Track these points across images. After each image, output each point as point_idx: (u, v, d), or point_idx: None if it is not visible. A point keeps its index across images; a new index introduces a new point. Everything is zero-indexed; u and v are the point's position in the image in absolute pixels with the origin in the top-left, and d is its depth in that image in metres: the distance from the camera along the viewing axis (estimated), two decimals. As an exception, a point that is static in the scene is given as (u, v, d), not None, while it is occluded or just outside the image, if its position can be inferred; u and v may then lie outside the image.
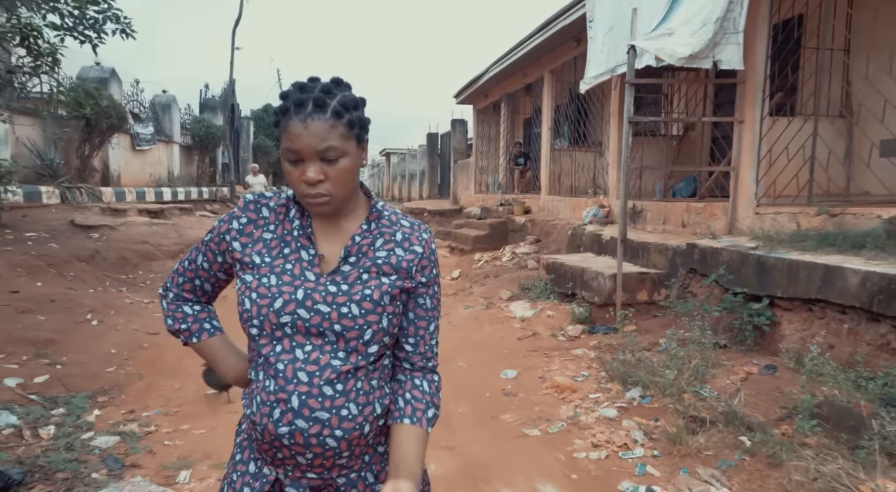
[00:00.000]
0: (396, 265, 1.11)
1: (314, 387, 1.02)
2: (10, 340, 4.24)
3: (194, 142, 16.71)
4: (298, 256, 1.09)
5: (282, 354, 1.04)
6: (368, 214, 1.14)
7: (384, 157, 36.20)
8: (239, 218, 1.12)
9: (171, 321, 1.20)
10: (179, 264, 1.22)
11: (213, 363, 1.23)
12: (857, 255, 3.84)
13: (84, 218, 8.14)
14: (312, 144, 0.99)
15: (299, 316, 1.04)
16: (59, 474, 2.61)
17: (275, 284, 1.05)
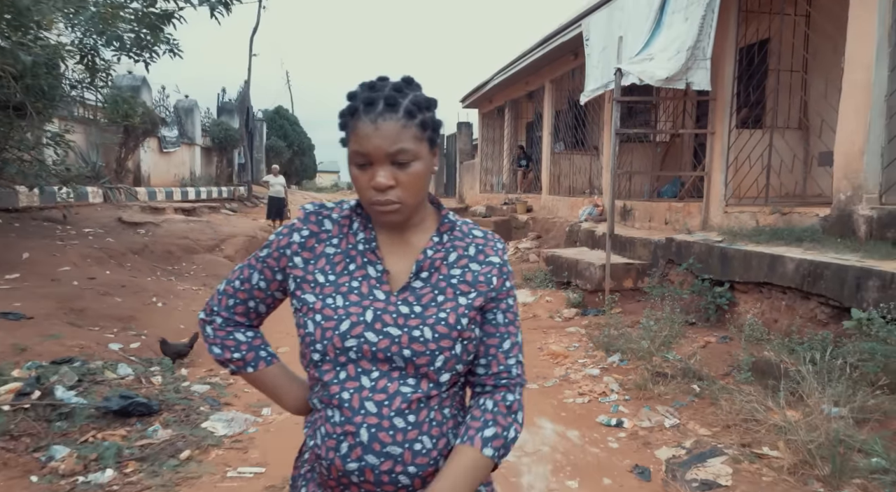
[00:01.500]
0: (473, 281, 1.02)
1: (384, 419, 0.93)
2: (100, 316, 5.13)
3: (213, 144, 17.62)
4: (365, 273, 1.00)
5: (346, 381, 0.95)
6: (439, 225, 1.06)
7: (390, 156, 37.07)
8: (300, 231, 1.04)
9: (220, 350, 1.08)
10: (227, 284, 1.10)
11: (274, 394, 1.12)
12: (798, 246, 4.69)
13: (129, 216, 9.04)
14: (383, 146, 0.92)
15: (366, 339, 0.95)
16: (176, 407, 3.49)
17: (341, 306, 0.97)
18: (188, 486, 2.68)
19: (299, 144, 27.37)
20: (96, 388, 3.49)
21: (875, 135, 4.30)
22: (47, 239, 6.94)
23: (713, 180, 6.13)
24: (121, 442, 2.97)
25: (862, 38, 4.35)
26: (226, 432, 3.25)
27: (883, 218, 4.24)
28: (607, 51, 7.23)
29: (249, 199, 17.54)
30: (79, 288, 5.64)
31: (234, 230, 9.77)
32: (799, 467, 2.81)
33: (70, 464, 2.70)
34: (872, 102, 4.28)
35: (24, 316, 4.64)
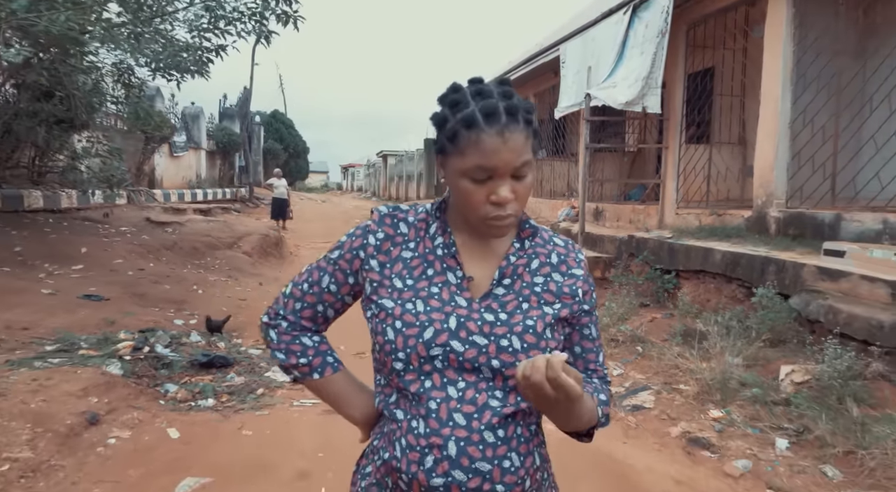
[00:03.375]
0: (558, 292, 0.99)
1: (474, 432, 0.88)
2: (157, 299, 6.18)
3: (217, 148, 18.58)
4: (445, 279, 0.96)
5: (432, 390, 0.90)
6: (520, 230, 1.01)
7: (381, 158, 38.07)
8: (375, 232, 1.00)
9: (285, 355, 1.04)
10: (294, 287, 1.05)
11: (340, 403, 1.06)
12: (727, 241, 5.86)
13: (155, 216, 10.04)
14: (511, 160, 0.87)
15: (452, 348, 0.90)
16: (243, 363, 4.57)
17: (423, 311, 0.92)
18: (268, 409, 3.76)
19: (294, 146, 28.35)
20: (182, 348, 4.56)
21: (782, 153, 5.49)
22: (94, 236, 7.95)
23: (667, 187, 7.31)
24: (211, 383, 4.05)
25: (772, 77, 5.54)
26: (284, 379, 4.33)
27: (787, 219, 5.43)
28: (580, 74, 8.40)
29: (251, 200, 18.51)
30: (134, 277, 6.68)
31: (248, 229, 10.79)
32: (701, 394, 3.97)
33: (182, 394, 3.78)
34: (779, 128, 5.47)
35: (103, 297, 5.68)
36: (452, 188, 0.95)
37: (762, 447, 3.29)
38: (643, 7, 6.91)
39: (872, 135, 4.82)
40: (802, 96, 5.38)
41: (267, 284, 8.28)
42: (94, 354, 4.04)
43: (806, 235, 5.12)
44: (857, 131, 5.14)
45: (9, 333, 4.44)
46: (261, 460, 2.94)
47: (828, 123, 5.24)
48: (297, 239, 13.83)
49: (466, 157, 0.89)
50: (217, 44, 6.05)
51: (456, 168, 0.91)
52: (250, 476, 2.77)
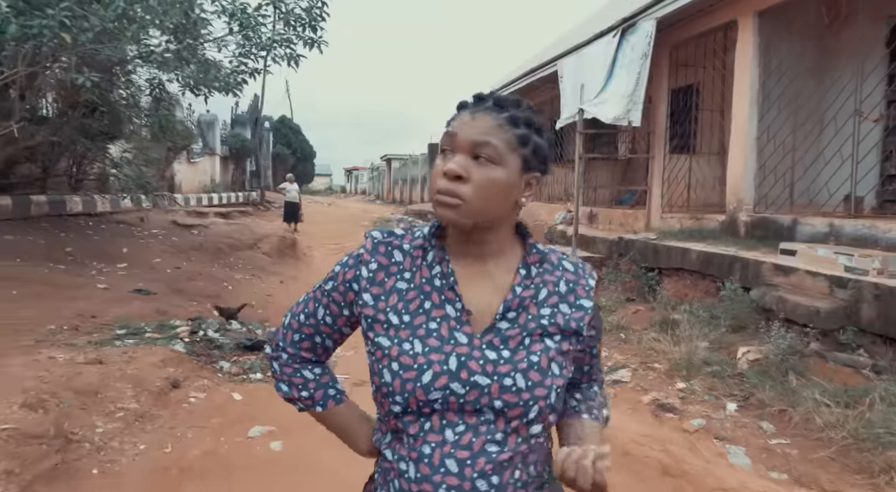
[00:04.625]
0: (564, 325, 0.93)
1: (466, 480, 0.84)
2: (195, 294, 6.93)
3: (230, 153, 19.38)
4: (444, 313, 0.90)
5: (430, 433, 0.86)
6: (526, 256, 0.96)
7: (385, 162, 38.87)
8: (367, 263, 0.94)
9: (287, 388, 1.02)
10: (292, 318, 1.02)
11: (345, 435, 1.05)
12: (703, 242, 6.59)
13: (181, 219, 10.81)
14: (471, 134, 0.86)
15: (452, 391, 0.85)
16: (279, 346, 5.32)
17: (421, 353, 0.87)
18: (307, 381, 4.50)
19: (302, 151, 29.17)
20: (228, 333, 5.30)
21: (749, 164, 6.23)
22: (131, 238, 8.72)
23: (653, 193, 8.05)
24: (257, 361, 4.79)
25: (741, 97, 6.28)
26: (317, 359, 5.07)
27: (754, 222, 6.16)
28: (576, 88, 9.14)
29: (262, 203, 19.28)
30: (172, 274, 7.44)
31: (266, 231, 11.55)
32: (670, 371, 4.70)
33: (236, 369, 4.52)
34: (748, 142, 6.21)
35: (151, 291, 6.44)
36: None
37: (715, 410, 4.02)
38: (630, 31, 7.65)
39: (822, 149, 5.56)
40: (767, 114, 6.12)
41: (287, 282, 9.03)
42: (158, 337, 4.79)
43: (769, 236, 5.84)
44: (812, 146, 5.88)
45: (81, 320, 5.19)
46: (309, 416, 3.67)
47: (787, 138, 5.97)
48: (309, 241, 14.57)
49: (447, 130, 0.90)
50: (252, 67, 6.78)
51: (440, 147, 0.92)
52: (302, 426, 3.48)
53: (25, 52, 5.52)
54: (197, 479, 2.75)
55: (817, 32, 6.19)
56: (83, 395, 3.19)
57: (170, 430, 3.23)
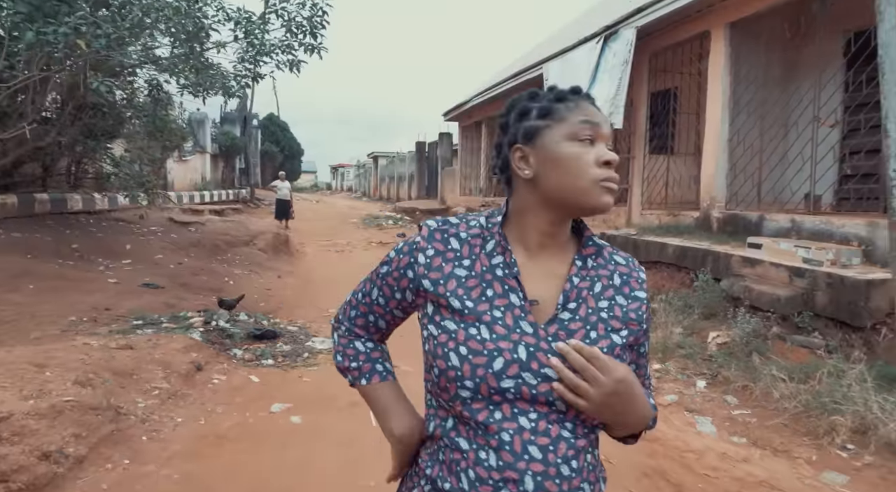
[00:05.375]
0: (624, 317, 0.95)
1: (551, 465, 0.85)
2: (199, 288, 7.25)
3: (220, 151, 19.55)
4: (508, 302, 0.90)
5: (504, 421, 0.85)
6: (582, 248, 0.97)
7: (372, 159, 39.10)
8: (424, 250, 0.95)
9: (341, 358, 1.07)
10: (352, 296, 1.08)
11: (382, 413, 1.03)
12: (679, 237, 7.07)
13: (178, 216, 11.07)
14: (606, 126, 0.92)
15: (524, 381, 0.85)
16: (285, 336, 5.68)
17: (489, 339, 0.87)
18: (316, 366, 4.87)
19: (290, 148, 29.33)
20: (237, 324, 5.65)
21: (721, 165, 6.71)
22: (132, 235, 8.99)
23: (633, 191, 8.53)
24: (267, 349, 5.15)
25: (714, 102, 6.76)
26: (322, 347, 5.44)
27: (725, 218, 6.65)
28: (560, 91, 9.59)
29: (252, 201, 19.50)
30: (176, 270, 7.74)
31: (261, 228, 11.84)
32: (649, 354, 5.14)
33: (248, 356, 4.89)
34: (720, 144, 6.69)
35: (158, 286, 6.75)
36: (552, 164, 0.90)
37: (687, 387, 4.48)
38: (613, 38, 8.11)
39: (786, 151, 6.06)
40: (737, 119, 6.61)
41: (284, 277, 9.36)
42: (174, 327, 5.13)
43: (739, 231, 6.33)
44: (777, 148, 6.38)
45: (97, 312, 5.51)
46: (322, 394, 4.05)
47: (755, 141, 6.47)
48: (301, 238, 14.87)
49: (569, 119, 0.90)
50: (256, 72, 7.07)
51: (559, 136, 0.90)
52: (318, 403, 3.89)
53: (40, 57, 5.80)
54: (232, 444, 3.13)
55: (782, 45, 6.69)
56: (120, 375, 3.54)
57: (200, 406, 3.60)
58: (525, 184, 0.95)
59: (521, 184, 0.95)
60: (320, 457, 3.08)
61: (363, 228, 18.03)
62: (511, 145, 0.96)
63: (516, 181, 0.97)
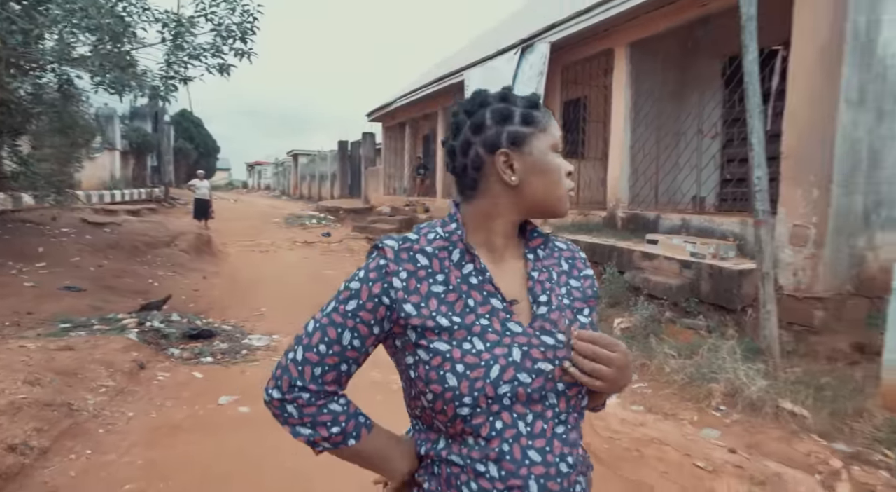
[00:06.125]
0: (583, 297, 1.00)
1: (550, 466, 0.87)
2: (124, 290, 7.13)
3: (131, 148, 18.61)
4: (491, 308, 0.90)
5: (504, 430, 0.86)
6: (529, 240, 1.00)
7: (292, 157, 38.34)
8: (397, 273, 0.90)
9: (311, 430, 0.92)
10: (306, 352, 0.91)
11: (380, 461, 0.95)
12: (589, 234, 7.80)
13: (91, 217, 10.60)
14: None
15: (520, 382, 0.86)
16: (221, 335, 5.79)
17: (485, 349, 0.86)
18: (256, 362, 5.06)
19: (205, 145, 28.24)
20: (171, 324, 5.70)
21: (625, 170, 7.50)
22: (43, 237, 8.58)
23: (549, 192, 9.22)
24: (205, 347, 5.27)
25: (618, 113, 7.53)
26: (260, 344, 5.62)
27: (628, 217, 7.44)
28: (482, 98, 10.15)
29: (167, 200, 18.74)
30: (97, 272, 7.53)
31: (181, 228, 11.56)
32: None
33: (187, 355, 4.99)
34: (623, 151, 7.47)
35: (81, 289, 6.59)
36: (539, 171, 0.92)
37: (595, 366, 5.10)
38: (529, 51, 8.75)
39: (678, 159, 6.91)
40: (638, 129, 7.41)
41: (210, 278, 9.28)
42: (107, 328, 5.13)
43: (639, 229, 7.12)
44: (670, 156, 7.24)
45: (18, 316, 5.38)
46: (266, 387, 4.29)
47: (653, 149, 7.30)
48: (222, 238, 14.56)
49: (549, 131, 0.93)
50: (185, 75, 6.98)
51: (545, 145, 0.93)
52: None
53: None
54: (187, 434, 3.32)
55: (675, 64, 7.57)
56: (65, 375, 3.61)
57: (149, 401, 3.74)
58: (504, 188, 0.93)
59: (497, 188, 0.93)
60: (274, 442, 3.35)
61: (286, 227, 17.87)
62: (493, 148, 0.93)
63: (489, 184, 0.94)
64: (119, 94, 8.51)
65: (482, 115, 0.94)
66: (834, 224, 4.84)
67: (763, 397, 4.01)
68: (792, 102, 5.10)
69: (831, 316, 4.93)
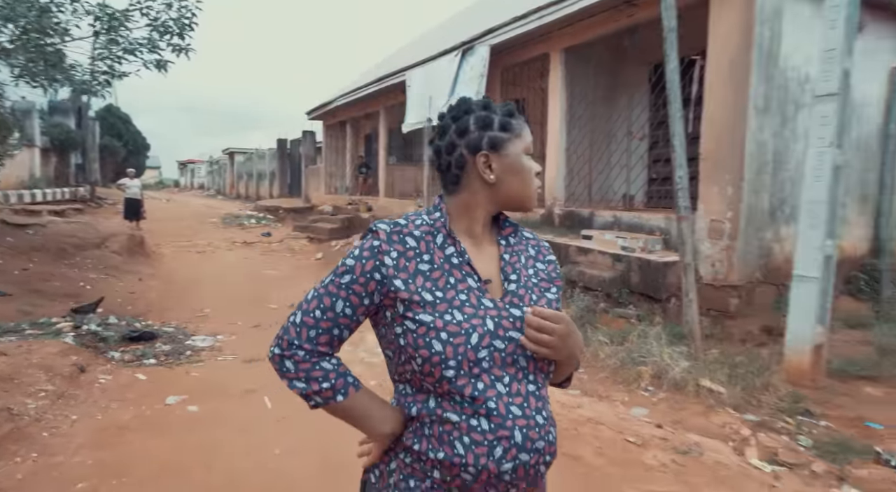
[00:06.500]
0: (549, 278, 1.16)
1: (530, 419, 1.01)
2: (54, 294, 6.83)
3: (53, 145, 17.54)
4: (468, 285, 1.05)
5: (487, 390, 1.00)
6: (502, 229, 1.16)
7: (227, 155, 37.16)
8: (388, 253, 1.04)
9: (305, 383, 1.05)
10: (305, 316, 1.05)
11: (364, 419, 1.07)
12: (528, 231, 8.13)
13: (11, 218, 10.00)
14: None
15: (495, 348, 1.01)
16: (163, 337, 5.68)
17: (464, 320, 1.01)
18: (201, 363, 5.02)
19: (134, 143, 26.92)
20: (109, 327, 5.54)
21: (561, 169, 7.87)
22: (-42, 239, 8.05)
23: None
24: (147, 349, 5.17)
25: (554, 116, 7.89)
26: (204, 345, 5.56)
27: (564, 215, 7.82)
28: (422, 97, 10.32)
29: (94, 200, 17.82)
30: (23, 276, 7.17)
31: (111, 229, 11.09)
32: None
33: (128, 357, 4.90)
34: (559, 152, 7.84)
35: (4, 293, 6.27)
36: (513, 172, 1.09)
37: (536, 355, 5.39)
38: (469, 53, 8.99)
39: (610, 159, 7.33)
40: (573, 130, 7.80)
41: (147, 280, 8.99)
42: (40, 333, 4.95)
43: (575, 225, 7.50)
44: (603, 156, 7.67)
45: (-61, 323, 5.09)
46: (214, 386, 4.29)
47: (587, 150, 7.70)
48: (156, 239, 14.04)
49: (522, 137, 1.10)
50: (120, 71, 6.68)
51: (519, 149, 1.10)
52: (212, 394, 4.13)
53: None
54: (135, 434, 3.31)
55: (606, 70, 8.01)
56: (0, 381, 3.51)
57: (93, 403, 3.68)
58: (483, 185, 1.09)
59: (477, 184, 1.09)
60: (225, 437, 3.40)
61: (224, 227, 17.41)
62: (475, 150, 1.08)
63: (470, 181, 1.10)
64: (44, 89, 8.12)
65: (466, 121, 1.10)
66: (745, 219, 5.33)
67: (685, 376, 4.40)
68: (709, 108, 5.56)
69: (744, 302, 5.43)
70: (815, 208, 4.25)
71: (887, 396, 4.34)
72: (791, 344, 4.43)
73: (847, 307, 6.08)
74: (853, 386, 4.47)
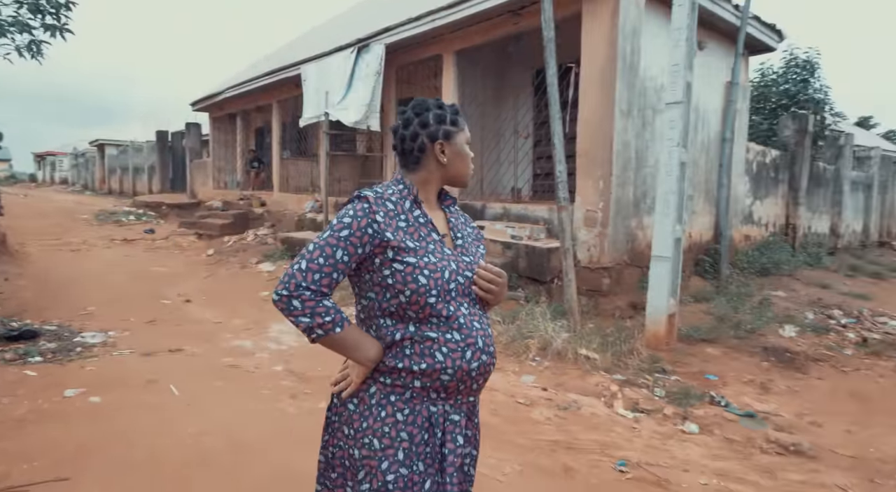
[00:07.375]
0: (477, 238, 1.56)
1: (485, 330, 1.42)
2: None
3: None
4: (433, 239, 1.40)
5: (456, 311, 1.36)
6: (443, 201, 1.53)
7: (97, 148, 34.01)
8: (377, 213, 1.34)
9: (310, 318, 1.30)
10: (310, 263, 1.30)
11: (355, 347, 1.36)
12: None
13: None
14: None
15: (459, 282, 1.38)
16: (46, 334, 5.37)
17: (436, 261, 1.36)
18: (95, 358, 4.85)
19: (-19, 130, 23.76)
20: (-18, 327, 5.14)
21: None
22: None
23: (388, 185, 9.82)
24: (31, 348, 4.89)
25: (448, 114, 8.35)
26: (95, 341, 5.34)
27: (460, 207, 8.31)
28: (319, 91, 10.35)
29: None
30: None
31: (-34, 227, 9.94)
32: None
33: (10, 356, 4.62)
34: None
35: None
36: (459, 157, 1.48)
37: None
38: (365, 50, 9.20)
39: (499, 155, 7.93)
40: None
41: (14, 279, 8.24)
42: None
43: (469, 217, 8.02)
44: (493, 152, 8.27)
45: None
46: (113, 378, 4.21)
47: (478, 147, 8.25)
48: (18, 237, 12.72)
49: (465, 131, 1.49)
50: None
51: (462, 140, 1.49)
52: (112, 385, 4.06)
53: None
54: (35, 426, 3.23)
55: (494, 72, 8.62)
56: None
57: (-21, 402, 3.51)
58: (437, 166, 1.46)
59: (433, 165, 1.46)
60: (137, 420, 3.42)
61: (98, 225, 16.10)
62: (433, 139, 1.44)
63: (427, 162, 1.45)
64: None
65: (427, 117, 1.45)
66: (614, 209, 6.10)
67: (566, 347, 5.02)
68: (583, 111, 6.28)
69: (614, 282, 6.21)
70: (668, 198, 5.03)
71: (723, 354, 5.26)
72: (650, 315, 5.20)
73: (696, 285, 7.14)
74: (698, 347, 5.35)
